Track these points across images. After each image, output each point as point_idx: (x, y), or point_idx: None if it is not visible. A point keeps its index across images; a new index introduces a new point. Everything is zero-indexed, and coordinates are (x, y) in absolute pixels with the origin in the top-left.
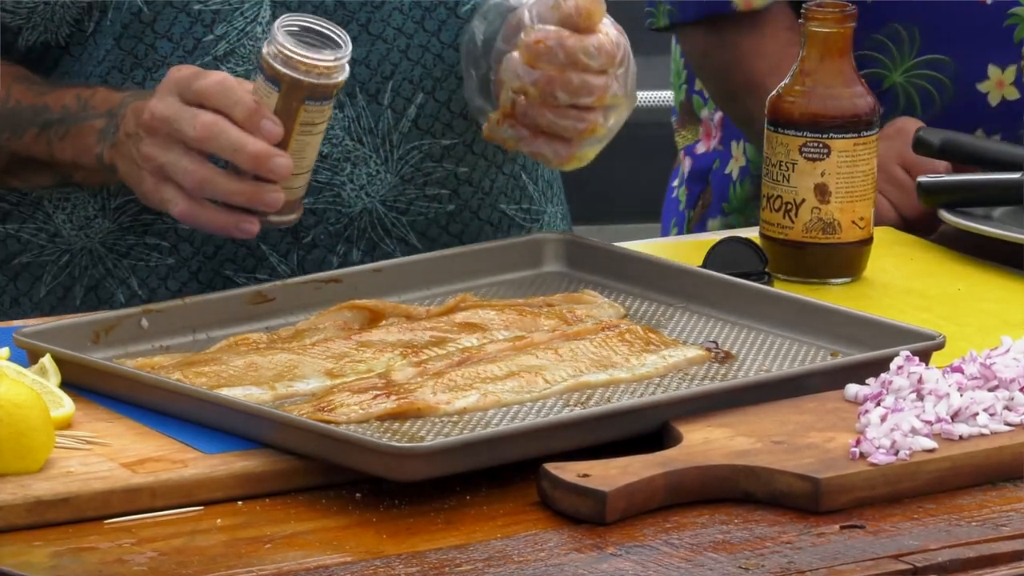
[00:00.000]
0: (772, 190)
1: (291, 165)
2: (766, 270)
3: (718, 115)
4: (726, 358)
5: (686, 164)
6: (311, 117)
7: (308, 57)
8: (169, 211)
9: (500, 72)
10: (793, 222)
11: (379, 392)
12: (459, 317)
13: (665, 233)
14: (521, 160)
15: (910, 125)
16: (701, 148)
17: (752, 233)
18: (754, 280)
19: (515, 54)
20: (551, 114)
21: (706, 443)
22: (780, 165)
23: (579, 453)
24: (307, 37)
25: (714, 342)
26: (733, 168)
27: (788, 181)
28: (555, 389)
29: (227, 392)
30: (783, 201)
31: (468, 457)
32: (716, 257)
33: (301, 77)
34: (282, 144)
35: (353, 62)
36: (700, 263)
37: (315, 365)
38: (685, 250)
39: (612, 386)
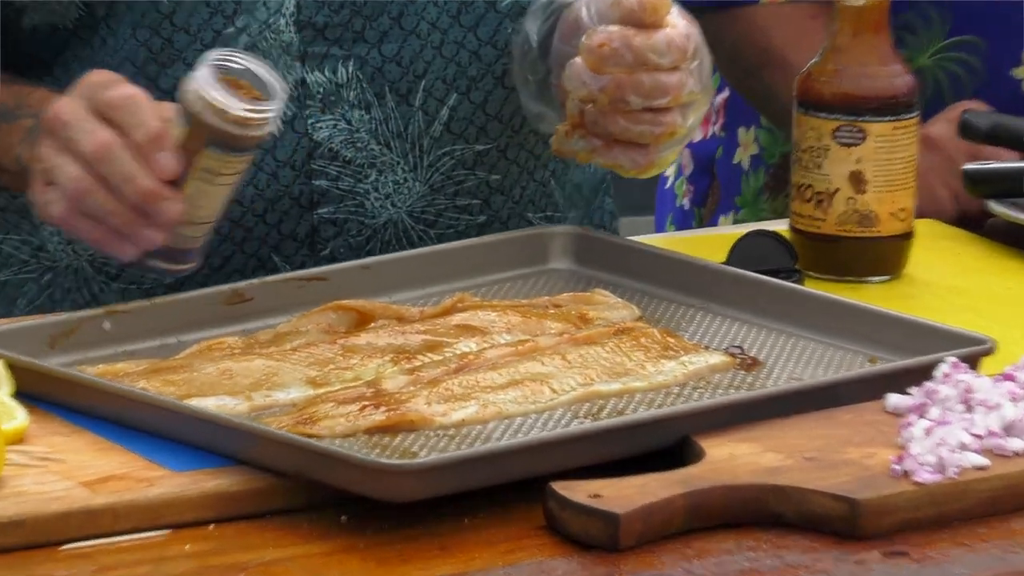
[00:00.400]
0: (803, 178)
1: (181, 212)
2: (796, 267)
3: (720, 98)
4: (752, 365)
5: (683, 155)
6: (213, 165)
7: (218, 100)
8: (49, 214)
9: (563, 80)
10: (826, 214)
11: (367, 403)
12: (456, 319)
13: (660, 229)
14: (552, 165)
15: (979, 108)
16: (699, 135)
17: (779, 226)
18: (783, 278)
19: (578, 60)
20: (624, 120)
21: (731, 459)
22: (811, 151)
23: (590, 471)
24: (238, 76)
25: (739, 347)
26: (743, 157)
27: (820, 169)
28: (563, 399)
29: (198, 403)
30: (815, 191)
31: (466, 475)
32: (741, 252)
33: (206, 118)
34: (179, 184)
35: (383, 59)
36: (722, 259)
37: (296, 372)
38: (705, 245)
39: (626, 396)
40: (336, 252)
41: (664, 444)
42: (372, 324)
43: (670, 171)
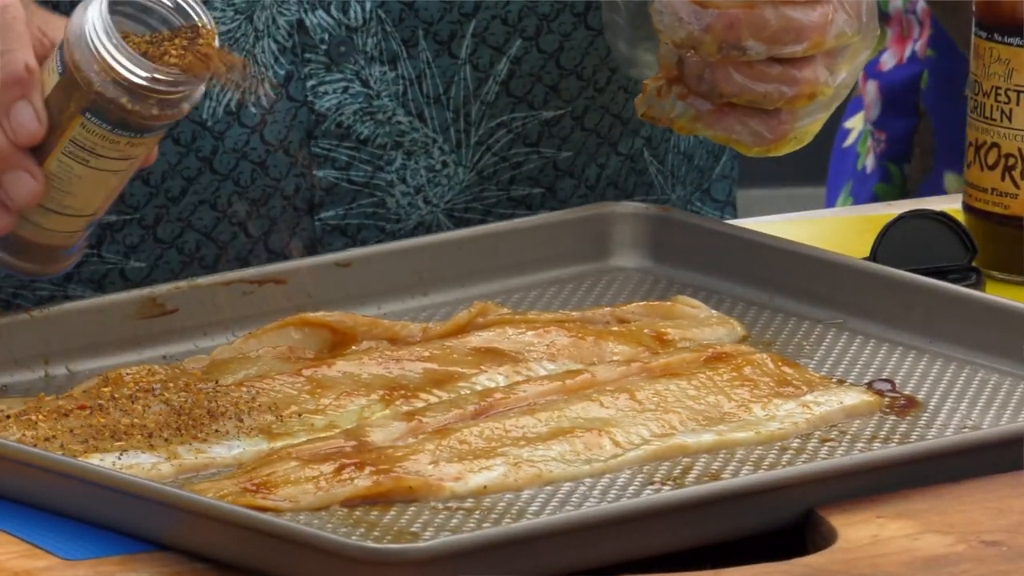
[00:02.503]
0: (984, 135)
1: (36, 192)
2: (973, 264)
3: (922, 2)
4: (907, 407)
5: (871, 92)
6: (89, 140)
7: (108, 52)
8: None
9: (655, 17)
10: (1018, 187)
11: (346, 461)
12: (475, 340)
13: (832, 203)
14: (647, 130)
15: None
16: (891, 60)
17: (950, 205)
18: (954, 280)
19: None
20: (741, 75)
21: (875, 544)
22: (996, 95)
23: (669, 560)
24: (152, 15)
25: (888, 381)
26: None
27: (1010, 120)
28: (631, 456)
29: (99, 461)
30: (1002, 153)
31: (490, 566)
32: (893, 243)
33: (88, 73)
34: (40, 153)
35: None
36: (866, 253)
37: (243, 417)
38: (851, 230)
39: (723, 452)
40: None
41: (779, 522)
42: (353, 347)
43: (853, 123)
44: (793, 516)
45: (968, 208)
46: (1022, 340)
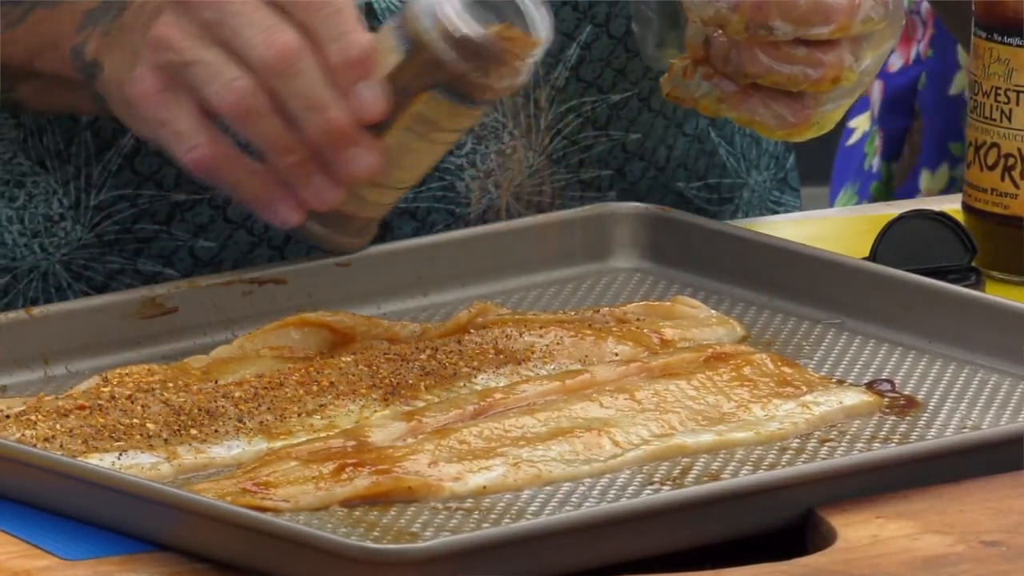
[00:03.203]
0: (983, 135)
1: (376, 167)
2: (973, 264)
3: (925, 3)
4: (907, 407)
5: (876, 92)
6: (433, 115)
7: (462, 25)
8: (174, 149)
9: None
10: (1018, 187)
11: (347, 461)
12: (475, 340)
13: (833, 203)
14: None
15: None
16: (897, 62)
17: (949, 205)
18: (954, 280)
19: None
20: (767, 56)
21: (874, 544)
22: (996, 95)
23: (669, 560)
24: (484, 5)
25: (888, 381)
26: (965, 85)
27: (1009, 120)
28: (631, 457)
29: (98, 461)
30: (1001, 153)
31: (489, 566)
32: (893, 243)
33: (438, 49)
34: (379, 130)
35: None
36: (865, 252)
37: (242, 418)
38: (851, 230)
39: (723, 452)
40: None
41: (779, 522)
42: (353, 347)
43: (857, 122)
44: (793, 516)
45: (968, 208)
46: (1022, 340)
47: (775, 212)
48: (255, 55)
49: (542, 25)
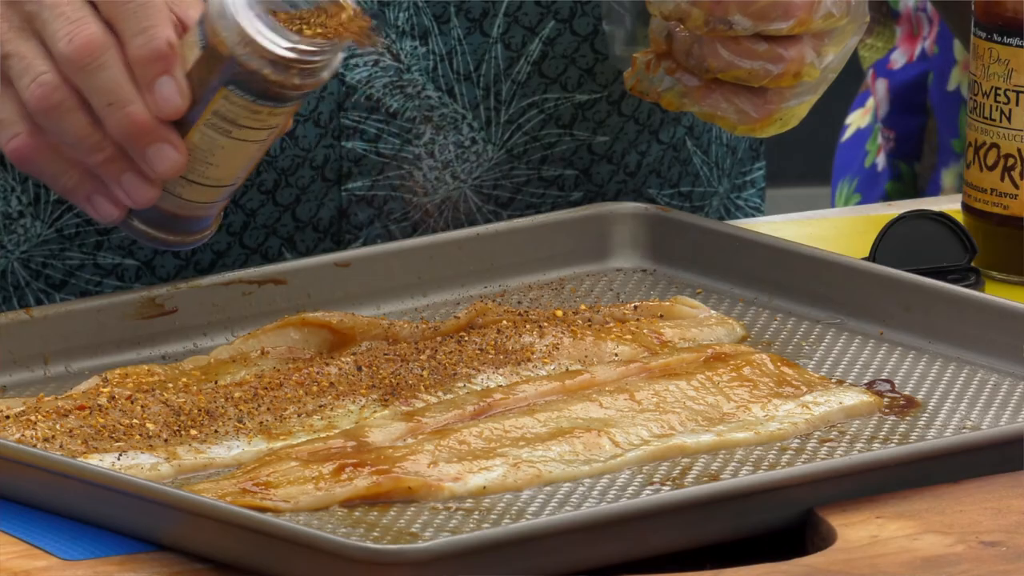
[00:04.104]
0: (983, 135)
1: (180, 165)
2: (972, 264)
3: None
4: (907, 407)
5: (880, 90)
6: (232, 112)
7: (251, 25)
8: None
9: None
10: (1018, 187)
11: (346, 461)
12: (475, 340)
13: (833, 199)
14: (688, 119)
15: None
16: (901, 59)
17: (949, 206)
18: (954, 280)
19: None
20: (728, 51)
21: (874, 544)
22: (996, 95)
23: (667, 561)
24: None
25: (887, 381)
26: (963, 80)
27: (1009, 121)
28: (631, 457)
29: (98, 461)
30: (1001, 153)
31: (489, 566)
32: (892, 243)
33: (230, 46)
34: (182, 126)
35: None
36: (865, 253)
37: (242, 418)
38: (851, 230)
39: (723, 452)
40: (372, 243)
41: (778, 522)
42: (352, 348)
43: (852, 119)
44: (793, 516)
45: (967, 208)
46: (1022, 340)
47: (736, 211)
48: (59, 48)
49: (347, 7)
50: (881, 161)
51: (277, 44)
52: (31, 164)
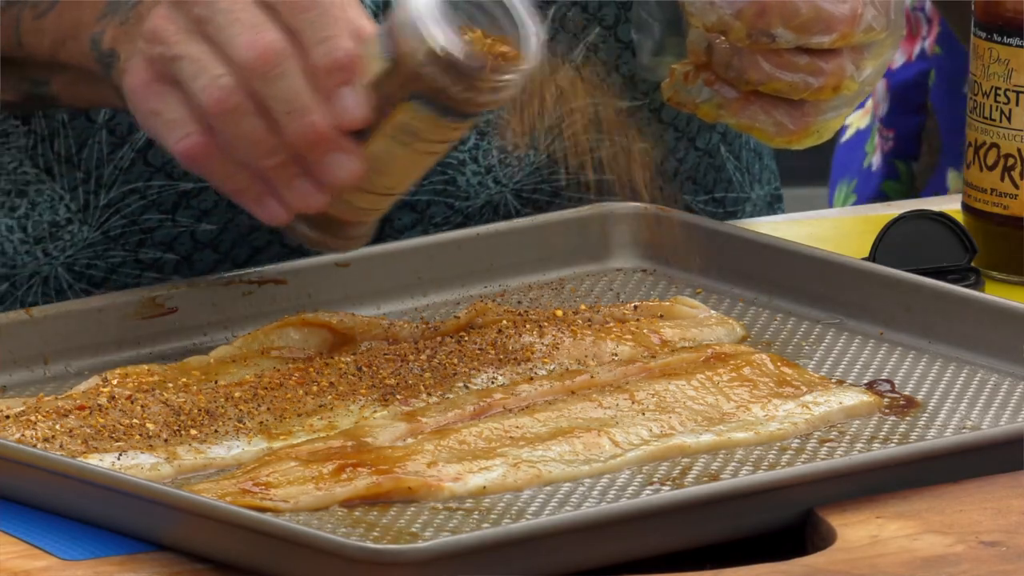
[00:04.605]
0: (983, 135)
1: (357, 174)
2: (972, 264)
3: (929, 1)
4: (907, 407)
5: (879, 90)
6: (415, 125)
7: (441, 40)
8: (165, 138)
9: (687, 1)
10: (1018, 187)
11: (346, 461)
12: (475, 340)
13: (831, 200)
14: (722, 126)
15: None
16: (900, 59)
17: (949, 206)
18: (954, 281)
19: None
20: (768, 64)
21: (874, 544)
22: (996, 95)
23: (667, 561)
24: (474, 14)
25: (887, 381)
26: None
27: (1009, 120)
28: (631, 457)
29: (98, 461)
30: (1001, 153)
31: (489, 566)
32: (892, 243)
33: (419, 61)
34: (362, 137)
35: None
36: (865, 253)
37: (242, 418)
38: (851, 230)
39: (723, 452)
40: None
41: (778, 522)
42: (352, 348)
43: (854, 119)
44: (793, 516)
45: (967, 208)
46: (1022, 340)
47: None
48: (238, 54)
49: (532, 40)
50: (877, 160)
51: (468, 63)
52: (201, 165)
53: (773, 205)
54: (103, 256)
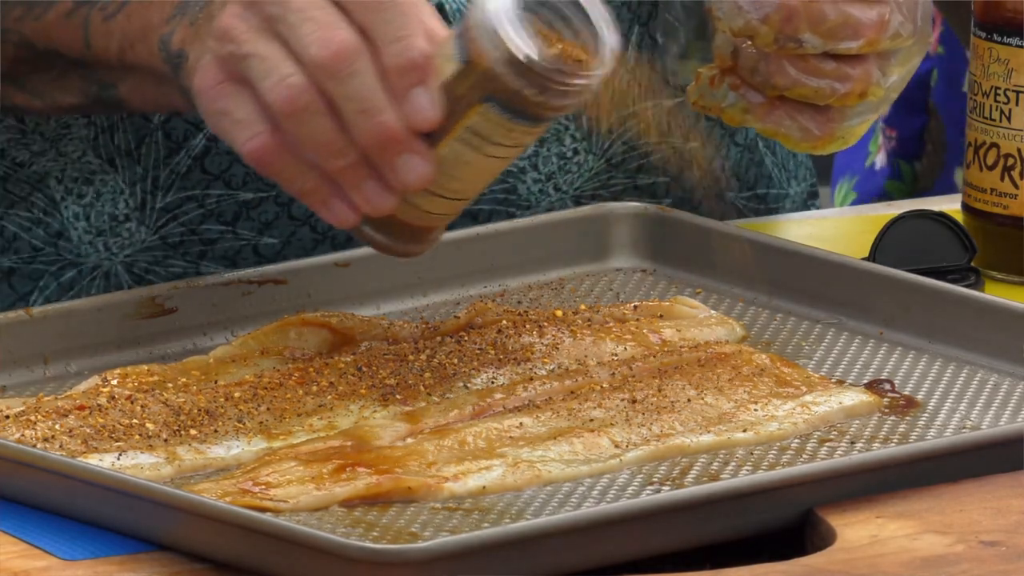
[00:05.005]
0: (983, 135)
1: (427, 177)
2: (972, 264)
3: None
4: (907, 407)
5: None
6: (486, 128)
7: (518, 43)
8: (234, 138)
9: (713, 5)
10: (1018, 187)
11: (346, 461)
12: (474, 340)
13: (832, 198)
14: None
15: None
16: None
17: (949, 205)
18: (953, 280)
19: None
20: (795, 69)
21: (874, 544)
22: (996, 95)
23: (667, 561)
24: (551, 18)
25: (888, 381)
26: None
27: (1009, 120)
28: (630, 457)
29: (98, 461)
30: (1001, 153)
31: (489, 566)
32: (892, 243)
33: (493, 63)
34: (433, 139)
35: None
36: (865, 253)
37: (241, 418)
38: (851, 230)
39: (722, 452)
40: None
41: (778, 522)
42: (352, 348)
43: None
44: (792, 516)
45: (967, 208)
46: (1021, 340)
47: None
48: (311, 53)
49: (608, 45)
50: (880, 160)
51: (543, 67)
52: (269, 165)
53: (808, 202)
54: (163, 263)
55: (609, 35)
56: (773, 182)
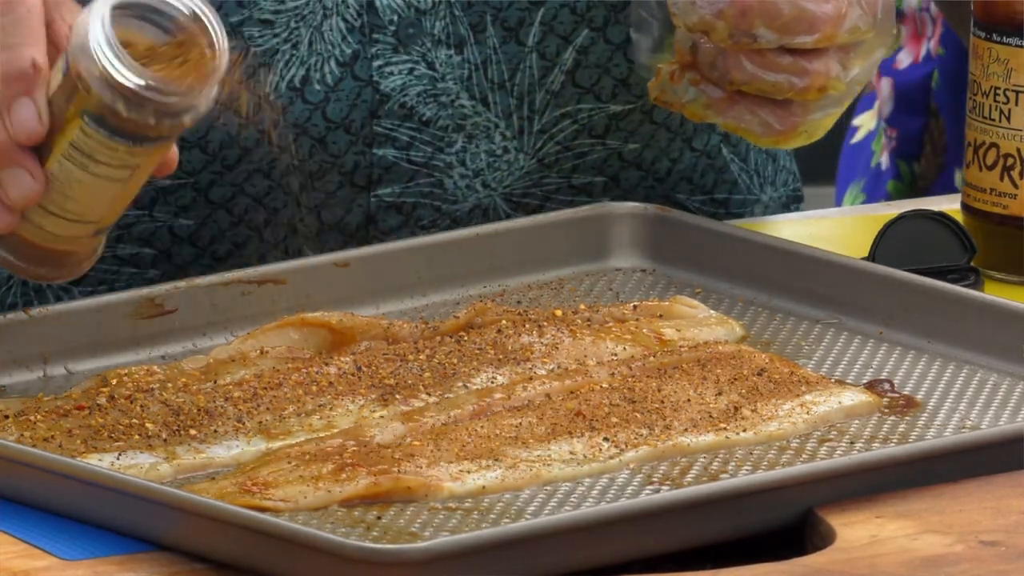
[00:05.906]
0: (982, 135)
1: (36, 192)
2: (972, 264)
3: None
4: (906, 406)
5: (884, 89)
6: (87, 144)
7: (105, 56)
8: None
9: (670, 1)
10: (1017, 187)
11: (346, 461)
12: (474, 340)
13: (839, 200)
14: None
15: None
16: (906, 59)
17: (948, 205)
18: (953, 280)
19: None
20: (752, 64)
21: (873, 544)
22: (995, 95)
23: (667, 560)
24: (164, 17)
25: (887, 381)
26: None
27: (1008, 120)
28: (629, 457)
29: (97, 461)
30: (1000, 153)
31: (489, 566)
32: (892, 243)
33: (84, 75)
34: (42, 153)
35: None
36: (864, 252)
37: (241, 418)
38: (851, 230)
39: (722, 452)
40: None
41: (778, 522)
42: (352, 348)
43: (862, 120)
44: (792, 516)
45: (967, 208)
46: (1021, 340)
47: None
48: None
49: (221, 56)
50: (885, 160)
51: (130, 80)
52: None
53: (790, 206)
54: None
55: (217, 40)
56: (739, 188)
